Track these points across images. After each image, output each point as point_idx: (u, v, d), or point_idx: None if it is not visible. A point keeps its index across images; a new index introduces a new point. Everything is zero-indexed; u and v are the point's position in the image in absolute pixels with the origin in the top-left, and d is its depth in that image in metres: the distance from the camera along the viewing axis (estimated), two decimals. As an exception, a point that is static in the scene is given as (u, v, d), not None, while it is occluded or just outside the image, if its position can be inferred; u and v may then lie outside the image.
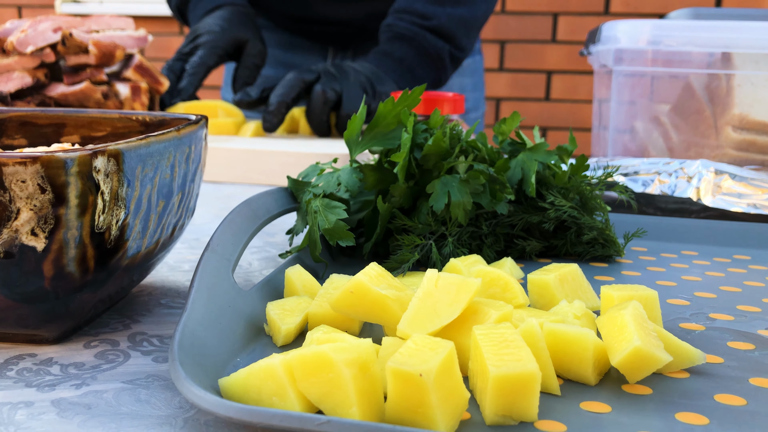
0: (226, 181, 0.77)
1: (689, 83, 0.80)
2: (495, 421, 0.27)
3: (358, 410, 0.26)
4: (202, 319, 0.32)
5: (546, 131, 2.20)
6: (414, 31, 0.95)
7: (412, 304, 0.30)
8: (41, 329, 0.34)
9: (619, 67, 0.77)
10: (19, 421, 0.28)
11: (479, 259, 0.40)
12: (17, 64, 0.81)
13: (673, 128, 0.82)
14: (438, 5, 0.95)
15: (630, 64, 0.76)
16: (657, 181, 0.62)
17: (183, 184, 0.38)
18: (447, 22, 0.95)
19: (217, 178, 0.77)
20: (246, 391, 0.28)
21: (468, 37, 0.99)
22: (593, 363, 0.30)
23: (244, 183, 0.76)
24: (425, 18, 0.95)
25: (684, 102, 0.81)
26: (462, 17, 0.96)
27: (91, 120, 0.45)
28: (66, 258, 0.30)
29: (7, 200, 0.28)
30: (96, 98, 0.82)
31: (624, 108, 0.79)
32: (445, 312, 0.30)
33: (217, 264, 0.35)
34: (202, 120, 0.40)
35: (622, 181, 0.62)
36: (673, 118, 0.82)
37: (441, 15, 0.94)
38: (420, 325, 0.30)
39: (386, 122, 0.46)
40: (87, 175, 0.29)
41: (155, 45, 2.39)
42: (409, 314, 0.30)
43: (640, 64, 0.76)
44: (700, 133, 0.81)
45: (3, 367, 0.32)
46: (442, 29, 0.95)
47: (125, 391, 0.31)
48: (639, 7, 2.05)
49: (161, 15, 2.36)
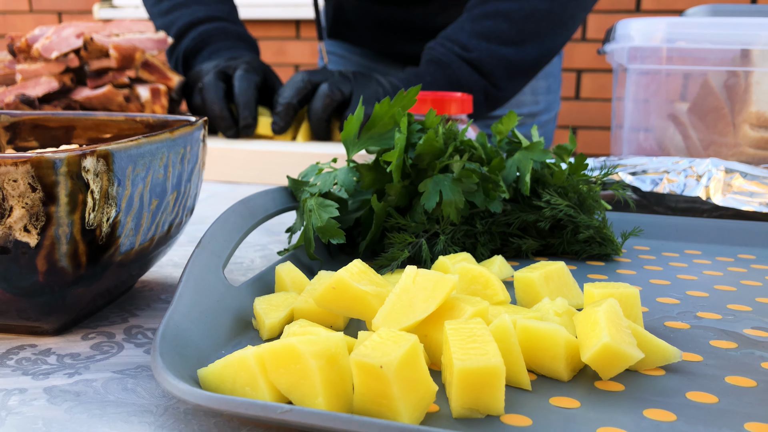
0: (244, 182, 0.78)
1: (707, 81, 0.79)
2: (461, 414, 0.28)
3: (324, 400, 0.27)
4: (187, 312, 0.33)
5: (576, 130, 2.17)
6: (450, 59, 0.91)
7: (389, 299, 0.31)
8: (41, 321, 0.36)
9: (633, 65, 0.77)
10: (11, 406, 0.30)
11: (468, 257, 0.41)
12: (44, 69, 0.85)
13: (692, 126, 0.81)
14: (483, 40, 0.91)
15: (644, 62, 0.75)
16: (665, 179, 0.61)
17: (178, 184, 0.39)
18: (487, 58, 0.90)
19: (235, 179, 0.78)
20: (222, 381, 0.29)
21: (510, 79, 0.94)
22: (565, 359, 0.30)
23: (261, 183, 0.78)
24: (465, 49, 0.91)
25: (702, 100, 0.80)
26: (505, 57, 0.91)
27: (99, 122, 0.47)
28: (58, 253, 0.32)
29: (0, 198, 0.30)
30: (118, 101, 0.84)
31: (639, 106, 0.78)
32: (420, 307, 0.31)
33: (207, 260, 0.37)
34: (199, 122, 0.41)
35: (630, 180, 0.62)
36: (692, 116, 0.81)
37: (483, 50, 0.90)
38: (394, 319, 0.31)
39: (383, 122, 0.47)
40: (76, 175, 0.31)
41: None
42: (385, 309, 0.31)
43: (655, 62, 0.75)
44: (718, 131, 0.79)
45: (4, 357, 0.34)
46: (481, 64, 0.91)
47: (114, 381, 0.32)
48: (671, 3, 2.02)
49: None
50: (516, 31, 0.91)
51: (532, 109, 1.16)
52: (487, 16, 0.91)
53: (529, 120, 1.16)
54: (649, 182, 0.62)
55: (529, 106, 1.15)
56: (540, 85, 1.15)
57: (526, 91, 1.14)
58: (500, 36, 0.91)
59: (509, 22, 0.90)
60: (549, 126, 1.21)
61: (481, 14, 0.92)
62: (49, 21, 2.56)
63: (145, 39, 0.90)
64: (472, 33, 0.91)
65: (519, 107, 1.14)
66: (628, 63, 0.77)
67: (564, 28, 0.93)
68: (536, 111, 1.17)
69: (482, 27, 0.91)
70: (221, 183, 0.78)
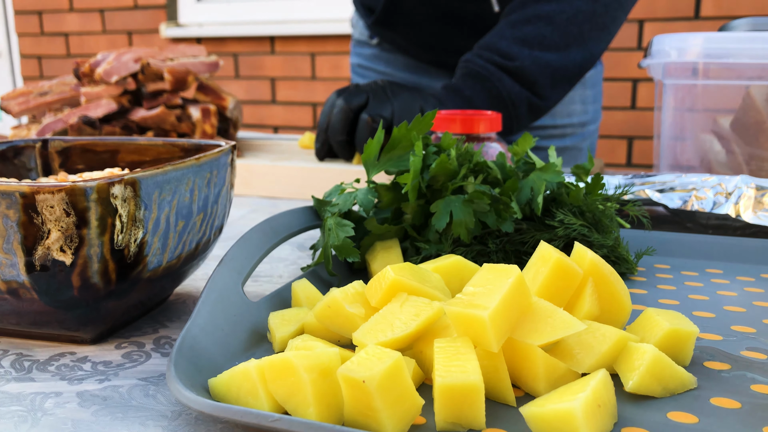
0: (284, 197, 0.82)
1: (749, 94, 0.78)
2: (444, 427, 0.30)
3: (314, 411, 0.29)
4: (205, 325, 0.36)
5: (632, 140, 2.14)
6: (490, 71, 0.87)
7: (373, 317, 0.33)
8: (79, 331, 0.39)
9: (668, 80, 0.76)
10: (46, 408, 0.33)
11: None
12: (105, 92, 0.91)
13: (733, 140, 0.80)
14: (525, 46, 0.86)
15: (679, 78, 0.75)
16: (693, 197, 0.61)
17: (204, 206, 0.43)
18: (530, 66, 0.85)
19: (276, 194, 0.82)
20: (229, 390, 0.32)
21: (553, 87, 0.88)
22: (545, 378, 0.31)
23: (299, 199, 0.81)
24: (507, 58, 0.86)
25: (744, 113, 0.79)
26: (549, 64, 0.86)
27: (140, 147, 0.51)
28: (90, 271, 0.35)
29: (39, 222, 0.34)
30: (171, 121, 0.89)
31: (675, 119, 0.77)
32: (399, 327, 0.33)
33: (227, 276, 0.40)
34: (227, 148, 0.45)
35: (657, 198, 0.62)
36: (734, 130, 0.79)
37: (525, 57, 0.85)
38: (373, 335, 0.33)
39: (402, 145, 0.49)
40: (105, 201, 0.34)
41: (249, 62, 2.52)
42: (367, 325, 0.33)
43: (690, 77, 0.75)
44: (760, 145, 0.78)
45: (47, 363, 0.38)
46: (523, 73, 0.86)
47: (137, 387, 0.35)
48: (732, 9, 1.96)
49: (253, 35, 2.49)
50: (559, 35, 0.86)
51: (582, 118, 1.14)
52: (527, 21, 0.87)
53: (579, 130, 1.15)
54: (677, 199, 0.62)
55: (579, 115, 1.14)
56: (588, 95, 1.14)
57: (575, 100, 1.11)
58: (543, 41, 0.86)
59: (552, 26, 0.86)
60: (594, 136, 1.20)
61: (521, 19, 0.87)
62: (120, 40, 2.70)
63: (197, 63, 0.95)
64: (513, 40, 0.87)
65: (570, 117, 1.12)
66: (663, 78, 0.77)
67: (606, 32, 0.89)
68: (586, 120, 1.15)
69: (523, 33, 0.86)
70: (264, 198, 0.82)
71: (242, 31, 2.50)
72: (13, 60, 3.06)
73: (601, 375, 0.30)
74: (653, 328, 0.35)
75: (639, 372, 0.32)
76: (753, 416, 0.30)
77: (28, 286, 0.35)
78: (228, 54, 2.55)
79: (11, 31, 3.02)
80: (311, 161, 0.86)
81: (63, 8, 2.79)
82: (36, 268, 0.35)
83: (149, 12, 2.64)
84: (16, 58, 3.04)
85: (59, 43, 2.84)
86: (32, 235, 0.34)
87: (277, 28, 2.44)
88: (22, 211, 0.33)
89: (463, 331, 0.31)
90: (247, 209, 0.76)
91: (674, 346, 0.34)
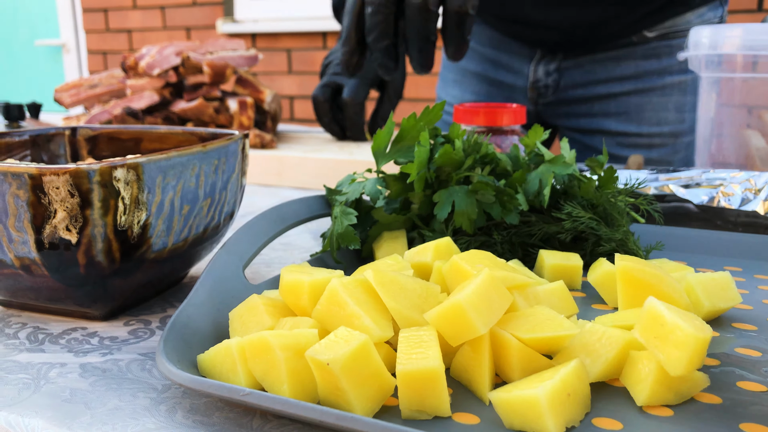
0: (314, 188, 0.83)
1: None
2: (409, 415, 0.30)
3: (288, 388, 0.30)
4: (201, 304, 0.38)
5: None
6: None
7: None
8: (90, 308, 0.42)
9: (705, 73, 0.74)
10: (50, 377, 0.35)
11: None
12: (148, 84, 0.94)
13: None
14: None
15: (716, 71, 0.72)
16: (720, 193, 0.59)
17: (212, 192, 0.44)
18: None
19: (306, 185, 0.84)
20: (213, 366, 0.33)
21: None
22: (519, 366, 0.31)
23: (328, 189, 0.83)
24: None
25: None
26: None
27: (162, 135, 0.53)
28: (95, 249, 0.37)
29: (47, 202, 0.36)
30: (209, 113, 0.92)
31: (711, 114, 0.75)
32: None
33: (228, 260, 0.41)
34: (236, 137, 0.46)
35: (682, 193, 0.61)
36: (776, 126, 0.76)
37: None
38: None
39: (411, 136, 0.50)
40: (108, 183, 0.36)
41: (301, 58, 2.56)
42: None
43: (728, 70, 0.72)
44: (803, 142, 0.75)
45: (59, 336, 0.41)
46: None
47: (136, 362, 0.37)
48: (799, 1, 1.87)
49: (306, 31, 2.53)
50: None
51: (675, 128, 0.99)
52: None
53: (670, 141, 0.99)
54: (703, 195, 0.60)
55: (672, 124, 0.98)
56: (687, 102, 0.98)
57: (669, 107, 0.98)
58: None
59: None
60: (689, 150, 1.01)
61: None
62: (180, 36, 2.78)
63: (236, 56, 0.97)
64: None
65: (660, 125, 0.98)
66: (700, 71, 0.74)
67: None
68: (681, 131, 0.99)
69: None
70: (295, 189, 0.84)
71: (295, 27, 2.54)
72: (81, 55, 3.20)
73: (573, 364, 0.30)
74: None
75: (648, 383, 0.30)
76: (731, 412, 0.29)
77: (39, 263, 0.38)
78: (281, 50, 2.60)
79: (79, 28, 3.15)
80: (341, 153, 0.87)
81: (127, 5, 2.89)
82: (45, 245, 0.37)
83: (207, 8, 2.71)
84: (83, 53, 3.17)
85: (122, 39, 2.95)
86: (40, 215, 0.36)
87: (328, 23, 2.47)
88: (31, 192, 0.35)
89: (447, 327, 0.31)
90: (278, 199, 0.78)
91: None
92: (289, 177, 0.85)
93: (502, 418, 0.29)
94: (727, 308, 0.38)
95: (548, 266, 0.44)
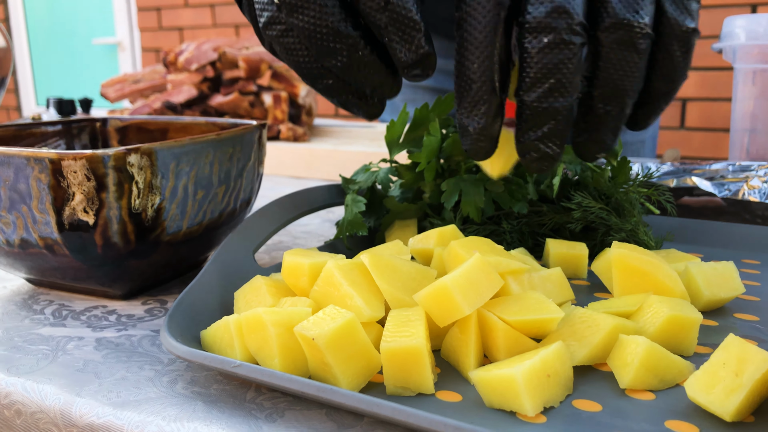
0: (342, 180, 0.85)
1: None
2: (394, 392, 0.31)
3: (279, 362, 0.32)
4: (208, 284, 0.39)
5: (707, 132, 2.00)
6: None
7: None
8: (111, 287, 0.44)
9: (739, 64, 0.72)
10: (67, 349, 0.38)
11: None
12: (187, 79, 0.97)
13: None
14: None
15: (750, 62, 0.71)
16: (746, 186, 0.58)
17: (227, 179, 0.46)
18: None
19: (336, 177, 0.85)
20: (213, 341, 0.35)
21: None
22: (504, 347, 0.32)
23: (356, 181, 0.84)
24: None
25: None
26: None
27: (186, 125, 0.56)
28: (111, 231, 0.40)
29: (65, 186, 0.38)
30: (244, 106, 0.95)
31: (746, 107, 0.73)
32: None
33: (239, 243, 0.43)
34: (251, 127, 0.48)
35: (706, 186, 0.59)
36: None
37: None
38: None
39: (424, 126, 0.50)
40: (122, 168, 0.38)
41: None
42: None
43: (763, 61, 0.70)
44: (843, 135, 0.72)
45: (81, 313, 0.43)
46: None
47: (147, 337, 0.39)
48: None
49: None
50: None
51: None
52: None
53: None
54: (727, 188, 0.59)
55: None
56: None
57: None
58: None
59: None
60: (654, 127, 1.01)
61: None
62: (229, 33, 2.84)
63: (271, 50, 1.00)
64: None
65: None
66: (734, 62, 0.73)
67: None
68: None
69: None
70: (325, 181, 0.85)
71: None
72: (135, 53, 3.30)
73: (555, 346, 0.30)
74: (653, 315, 0.34)
75: (633, 367, 0.30)
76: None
77: (60, 243, 0.40)
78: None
79: (134, 26, 3.25)
80: (371, 146, 0.88)
81: (179, 4, 2.97)
82: (66, 227, 0.39)
83: (255, 6, 2.76)
84: (137, 51, 3.28)
85: (174, 36, 3.04)
86: (60, 197, 0.38)
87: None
88: (51, 175, 0.38)
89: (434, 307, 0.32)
90: (305, 190, 0.80)
91: (675, 334, 0.33)
92: (319, 169, 0.87)
93: (483, 397, 0.30)
94: (728, 298, 0.38)
95: (553, 254, 0.44)
